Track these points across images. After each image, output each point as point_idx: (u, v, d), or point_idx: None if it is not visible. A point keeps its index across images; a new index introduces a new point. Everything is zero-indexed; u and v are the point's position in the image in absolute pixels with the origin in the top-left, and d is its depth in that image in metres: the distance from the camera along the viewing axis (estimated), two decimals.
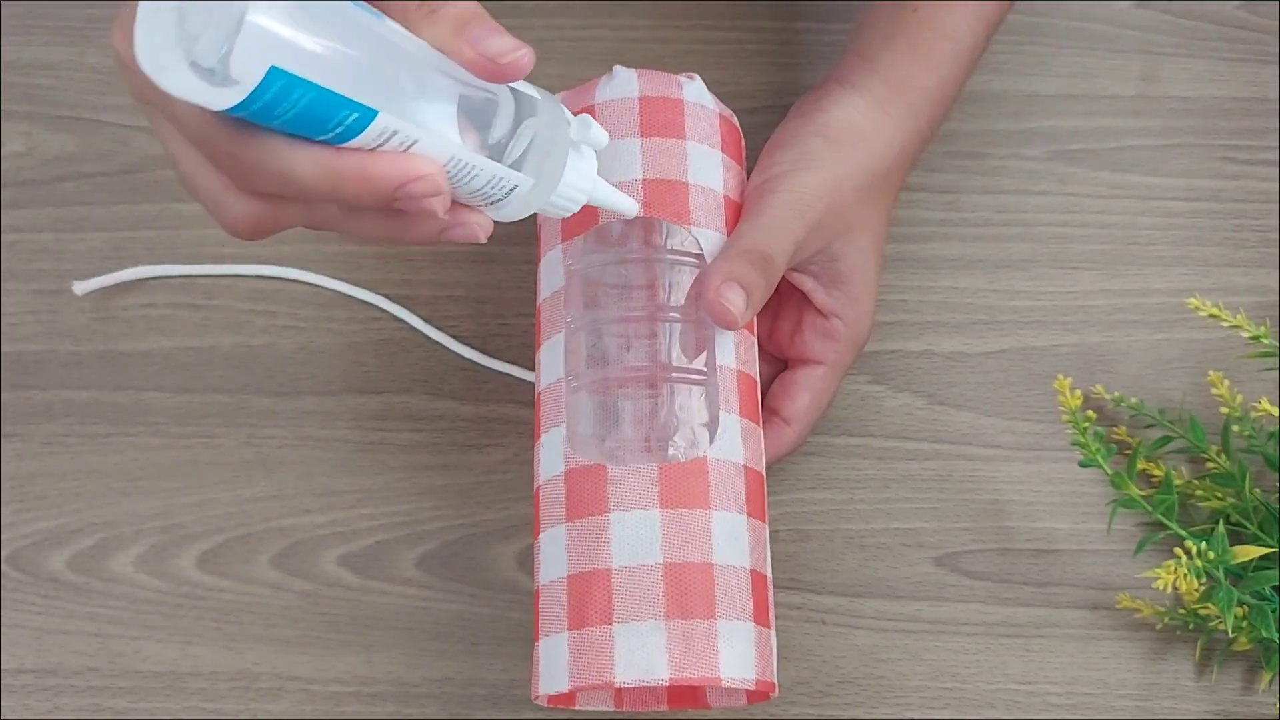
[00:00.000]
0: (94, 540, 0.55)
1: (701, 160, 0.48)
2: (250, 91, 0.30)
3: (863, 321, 0.51)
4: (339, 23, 0.32)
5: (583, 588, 0.43)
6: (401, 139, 0.34)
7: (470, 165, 0.36)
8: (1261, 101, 0.61)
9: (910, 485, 0.55)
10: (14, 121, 0.62)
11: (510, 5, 0.64)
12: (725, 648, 0.42)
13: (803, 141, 0.50)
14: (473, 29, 0.35)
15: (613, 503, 0.44)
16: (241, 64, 0.30)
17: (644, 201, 0.47)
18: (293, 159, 0.33)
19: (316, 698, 0.53)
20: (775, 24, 0.63)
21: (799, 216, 0.48)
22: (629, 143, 0.48)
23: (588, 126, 0.40)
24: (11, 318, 0.58)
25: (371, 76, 0.33)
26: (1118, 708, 0.52)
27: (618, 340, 0.46)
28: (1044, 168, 0.60)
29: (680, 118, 0.49)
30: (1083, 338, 0.57)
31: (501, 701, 0.52)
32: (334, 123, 0.33)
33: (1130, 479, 0.51)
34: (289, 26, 0.31)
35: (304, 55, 0.31)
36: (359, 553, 0.55)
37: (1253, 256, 0.59)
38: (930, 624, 0.53)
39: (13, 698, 0.53)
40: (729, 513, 0.44)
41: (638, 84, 0.49)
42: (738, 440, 0.45)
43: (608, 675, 0.42)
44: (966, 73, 0.53)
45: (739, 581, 0.44)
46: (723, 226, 0.48)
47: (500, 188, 0.38)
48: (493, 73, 0.35)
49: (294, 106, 0.32)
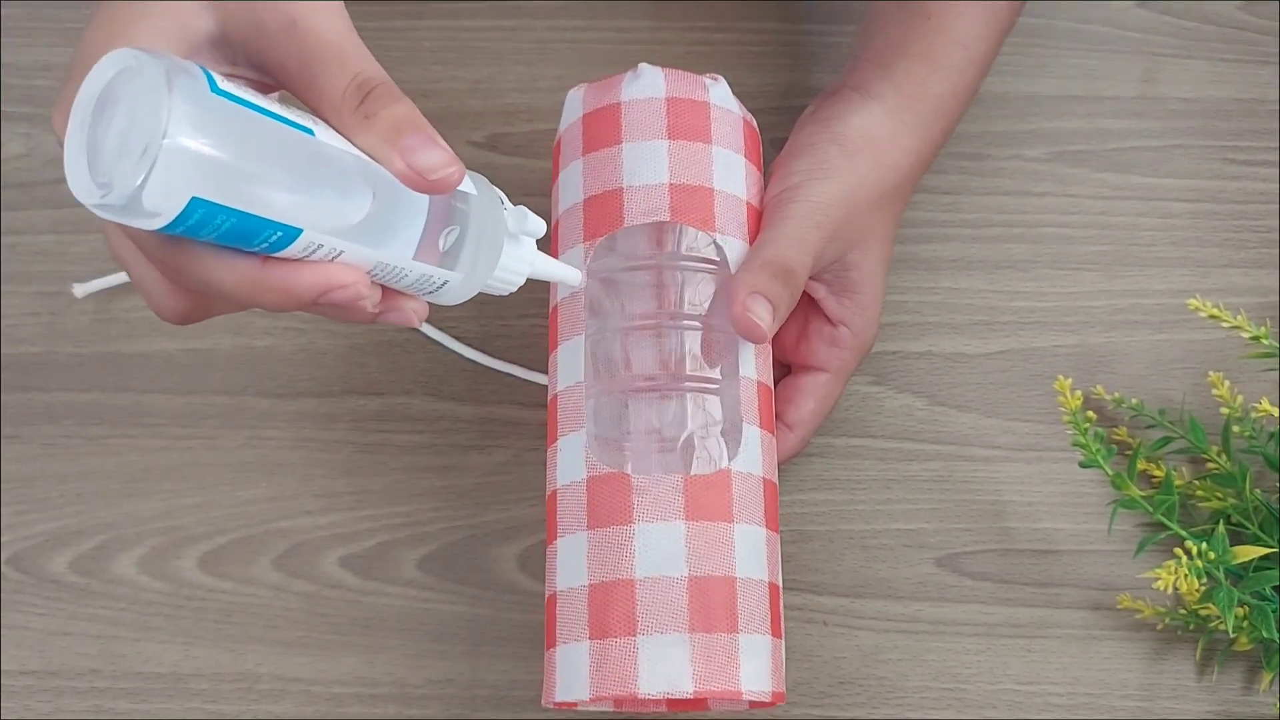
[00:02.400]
0: (95, 542, 0.55)
1: (727, 166, 0.48)
2: (171, 220, 0.30)
3: (869, 330, 0.51)
4: (259, 142, 0.32)
5: (605, 598, 0.43)
6: (327, 250, 0.34)
7: (398, 268, 0.36)
8: (1261, 102, 0.61)
9: (911, 486, 0.55)
10: (14, 123, 0.62)
11: (511, 6, 0.64)
12: (746, 661, 0.42)
13: (820, 150, 0.49)
14: (406, 139, 0.34)
15: (637, 513, 0.43)
16: (159, 196, 0.30)
17: (670, 206, 0.47)
18: (218, 269, 0.34)
19: (318, 699, 0.53)
20: (778, 25, 0.63)
21: (817, 227, 0.48)
22: (656, 145, 0.47)
23: (524, 218, 0.39)
24: (12, 320, 0.58)
25: (294, 196, 0.33)
26: (1119, 708, 0.52)
27: (641, 347, 0.46)
28: (1045, 169, 0.60)
29: (707, 121, 0.48)
30: (1083, 338, 0.57)
31: (503, 703, 0.52)
32: (260, 240, 0.33)
33: (1131, 479, 0.51)
34: (207, 153, 0.30)
35: (224, 183, 0.31)
36: (360, 554, 0.55)
37: (1253, 257, 0.59)
38: (931, 625, 0.53)
39: (14, 699, 0.53)
40: (750, 526, 0.44)
41: (665, 84, 0.48)
42: (758, 452, 0.45)
43: (631, 686, 0.42)
44: (979, 79, 0.53)
45: (759, 595, 0.44)
46: (745, 234, 0.48)
47: (430, 283, 0.37)
48: (421, 187, 0.35)
49: (218, 229, 0.32)
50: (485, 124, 0.62)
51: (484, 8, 0.64)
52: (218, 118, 0.31)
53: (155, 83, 0.30)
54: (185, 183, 0.30)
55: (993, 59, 0.54)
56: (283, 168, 0.33)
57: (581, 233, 0.48)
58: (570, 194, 0.49)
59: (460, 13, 0.64)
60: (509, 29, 0.63)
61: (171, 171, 0.30)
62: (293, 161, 0.33)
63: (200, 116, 0.30)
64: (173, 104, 0.29)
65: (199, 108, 0.30)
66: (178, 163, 0.30)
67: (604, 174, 0.48)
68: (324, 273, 0.35)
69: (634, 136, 0.48)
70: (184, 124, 0.30)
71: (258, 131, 0.32)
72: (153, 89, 0.30)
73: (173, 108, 0.29)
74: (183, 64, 0.31)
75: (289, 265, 0.34)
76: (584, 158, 0.49)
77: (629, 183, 0.47)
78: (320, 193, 0.34)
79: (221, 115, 0.31)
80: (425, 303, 0.38)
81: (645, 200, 0.47)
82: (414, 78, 0.62)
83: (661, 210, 0.47)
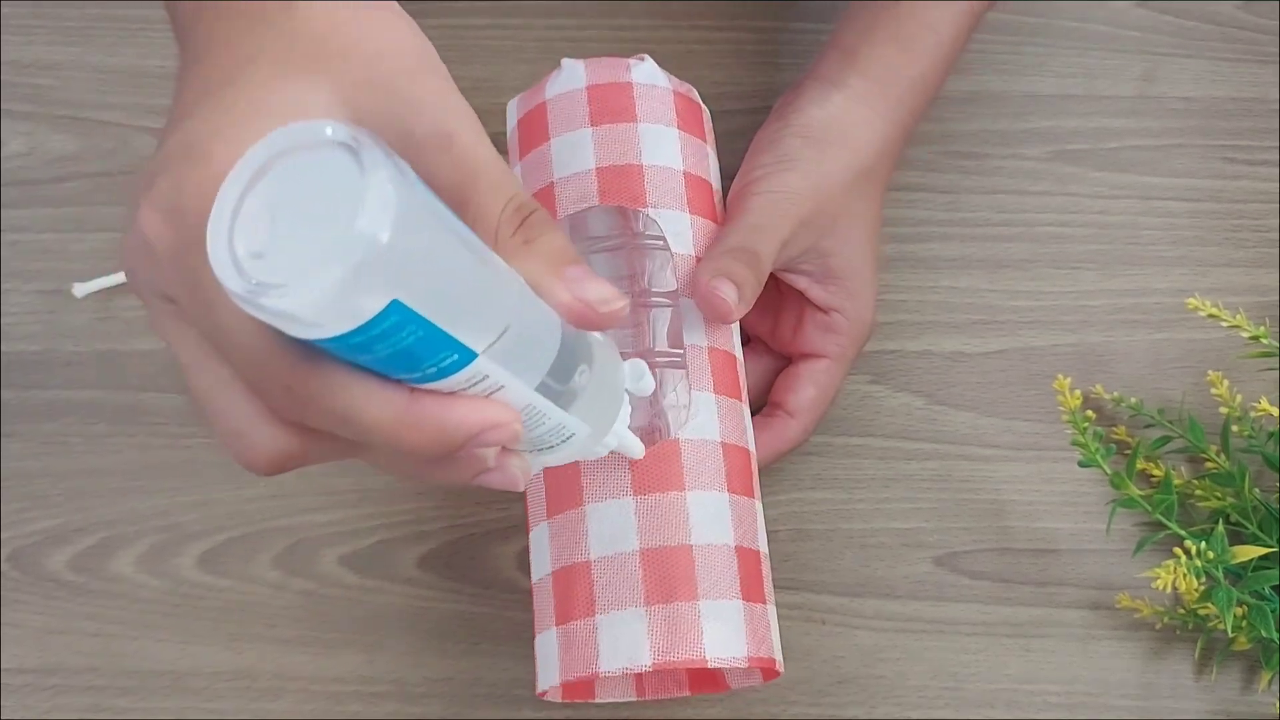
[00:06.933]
0: (94, 540, 0.55)
1: (655, 140, 0.48)
2: (360, 324, 0.25)
3: (863, 314, 0.52)
4: (453, 250, 0.27)
5: (566, 582, 0.44)
6: (490, 384, 0.29)
7: (540, 412, 0.32)
8: (1261, 102, 0.61)
9: (910, 485, 0.55)
10: (14, 121, 0.62)
11: (512, 5, 0.64)
12: (710, 628, 0.42)
13: (782, 144, 0.50)
14: (570, 269, 0.31)
15: (587, 495, 0.44)
16: (350, 298, 0.25)
17: (598, 189, 0.47)
18: (364, 400, 0.28)
19: (317, 697, 0.53)
20: (775, 24, 0.63)
21: (783, 215, 0.48)
22: (580, 134, 0.48)
23: (640, 375, 0.38)
24: (12, 318, 0.58)
25: (479, 313, 0.28)
26: (1117, 707, 0.52)
27: None
28: (1044, 168, 0.60)
29: (630, 100, 0.48)
30: (1082, 338, 0.57)
31: (502, 701, 0.52)
32: (429, 363, 0.27)
33: (1130, 479, 0.51)
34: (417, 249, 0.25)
35: (423, 289, 0.26)
36: (360, 552, 0.55)
37: (1252, 256, 0.59)
38: (930, 624, 0.53)
39: (13, 697, 0.53)
40: (706, 491, 0.44)
41: (585, 74, 0.49)
42: (713, 417, 0.45)
43: (593, 666, 0.42)
44: (948, 65, 0.54)
45: (723, 559, 0.43)
46: (683, 203, 0.48)
47: (558, 435, 0.34)
48: (588, 321, 0.31)
49: (398, 344, 0.26)
50: (486, 124, 0.60)
51: (485, 7, 0.64)
52: (425, 214, 0.26)
53: (369, 163, 0.25)
54: (386, 284, 0.25)
55: (962, 46, 0.54)
56: (471, 279, 0.28)
57: None
58: None
59: (460, 12, 0.64)
60: (510, 28, 0.63)
61: (375, 270, 0.24)
62: (478, 273, 0.28)
63: (410, 210, 0.25)
64: (385, 191, 0.25)
65: (406, 199, 0.25)
66: (384, 260, 0.25)
67: (537, 173, 0.48)
68: (480, 409, 0.29)
69: (558, 130, 0.48)
70: (393, 215, 0.25)
71: (453, 236, 0.27)
72: (354, 170, 0.25)
73: (386, 196, 0.25)
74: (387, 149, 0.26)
75: (443, 398, 0.29)
76: (521, 162, 0.49)
77: (559, 175, 0.48)
78: (498, 314, 0.29)
79: (427, 212, 0.26)
80: (529, 463, 0.34)
81: (575, 188, 0.47)
82: None
83: (590, 195, 0.47)
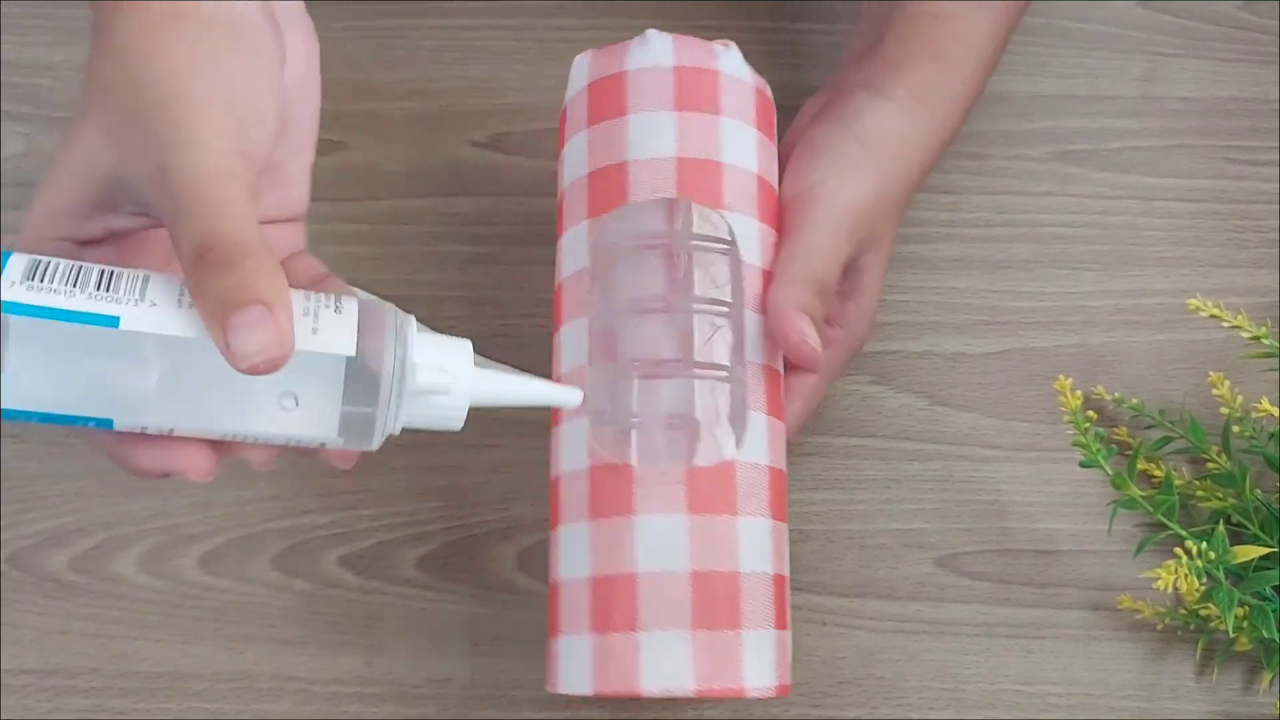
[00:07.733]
0: (95, 541, 0.55)
1: (736, 138, 0.47)
2: None
3: (864, 333, 0.51)
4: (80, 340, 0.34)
5: (606, 591, 0.42)
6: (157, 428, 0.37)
7: (256, 436, 0.38)
8: (1262, 102, 0.61)
9: (911, 486, 0.55)
10: (14, 122, 0.62)
11: (511, 5, 0.64)
12: (749, 658, 0.42)
13: (841, 146, 0.49)
14: (234, 315, 0.33)
15: (638, 504, 0.43)
16: None
17: (677, 182, 0.45)
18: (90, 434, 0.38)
19: (316, 698, 0.52)
20: (777, 24, 0.63)
21: (848, 235, 0.48)
22: (663, 116, 0.46)
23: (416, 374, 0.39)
24: None
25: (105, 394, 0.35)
26: (1118, 708, 0.52)
27: (646, 331, 0.44)
28: (1046, 168, 0.60)
29: (716, 91, 0.47)
30: (1084, 338, 0.57)
31: (501, 702, 0.52)
32: (80, 423, 0.36)
33: (1131, 479, 0.51)
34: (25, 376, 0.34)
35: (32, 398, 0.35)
36: (359, 553, 0.55)
37: (1254, 257, 0.59)
38: (930, 624, 0.53)
39: (13, 698, 0.53)
40: (755, 518, 0.43)
41: (673, 52, 0.47)
42: (763, 440, 0.44)
43: (633, 684, 0.41)
44: (986, 78, 0.53)
45: (764, 588, 0.43)
46: (755, 210, 0.47)
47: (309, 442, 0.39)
48: (240, 370, 0.34)
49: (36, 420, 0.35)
50: (485, 123, 0.62)
51: (484, 7, 0.64)
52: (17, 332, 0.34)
53: None
54: None
55: (999, 58, 0.54)
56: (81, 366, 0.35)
57: (586, 209, 0.47)
58: (574, 168, 0.48)
59: (460, 12, 0.64)
60: (509, 28, 0.63)
61: None
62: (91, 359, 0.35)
63: None
64: None
65: None
66: None
67: (609, 147, 0.47)
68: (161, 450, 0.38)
69: (640, 107, 0.46)
70: None
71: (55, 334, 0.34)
72: None
73: None
74: None
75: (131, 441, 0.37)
76: (589, 129, 0.47)
77: (634, 156, 0.46)
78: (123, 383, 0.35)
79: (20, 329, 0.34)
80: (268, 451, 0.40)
81: (651, 175, 0.45)
82: (414, 77, 0.62)
83: (668, 186, 0.45)
